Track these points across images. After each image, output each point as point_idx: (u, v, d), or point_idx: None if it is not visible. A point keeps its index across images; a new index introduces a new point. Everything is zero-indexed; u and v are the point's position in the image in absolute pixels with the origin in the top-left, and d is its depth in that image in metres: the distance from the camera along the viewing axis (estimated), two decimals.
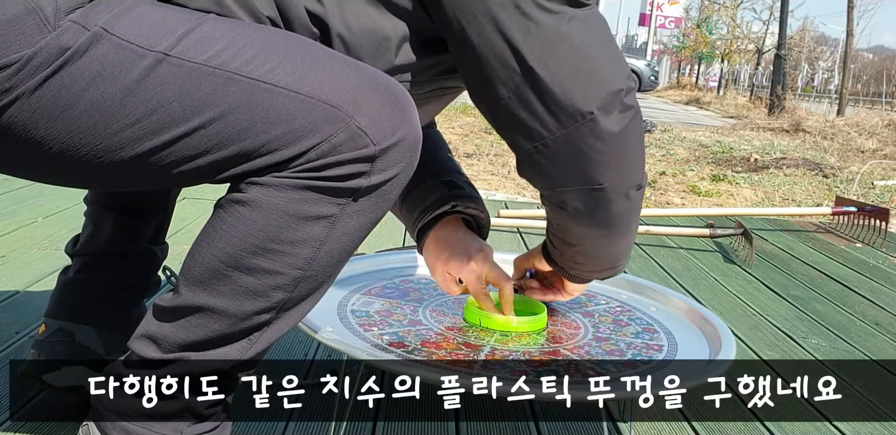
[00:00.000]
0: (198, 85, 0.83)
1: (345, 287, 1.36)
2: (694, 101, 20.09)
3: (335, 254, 0.91)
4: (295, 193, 0.86)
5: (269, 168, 0.86)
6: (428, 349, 1.12)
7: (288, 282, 0.89)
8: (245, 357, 0.93)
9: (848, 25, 13.13)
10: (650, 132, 7.80)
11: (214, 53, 0.84)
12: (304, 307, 0.94)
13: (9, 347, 1.50)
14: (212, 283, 0.89)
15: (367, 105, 0.86)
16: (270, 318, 0.92)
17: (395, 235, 2.72)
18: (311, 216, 0.87)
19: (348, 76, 0.88)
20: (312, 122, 0.84)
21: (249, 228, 0.87)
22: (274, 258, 0.87)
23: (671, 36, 32.28)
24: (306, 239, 0.87)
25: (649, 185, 4.68)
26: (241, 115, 0.84)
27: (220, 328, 0.90)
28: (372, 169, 0.87)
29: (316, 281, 0.92)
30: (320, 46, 0.92)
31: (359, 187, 0.87)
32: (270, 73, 0.85)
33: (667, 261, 2.69)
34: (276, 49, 0.86)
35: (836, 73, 20.42)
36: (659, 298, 1.44)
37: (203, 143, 0.85)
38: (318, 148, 0.85)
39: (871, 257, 3.03)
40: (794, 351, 1.87)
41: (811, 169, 5.75)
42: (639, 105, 1.04)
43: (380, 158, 0.87)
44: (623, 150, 1.02)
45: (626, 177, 1.05)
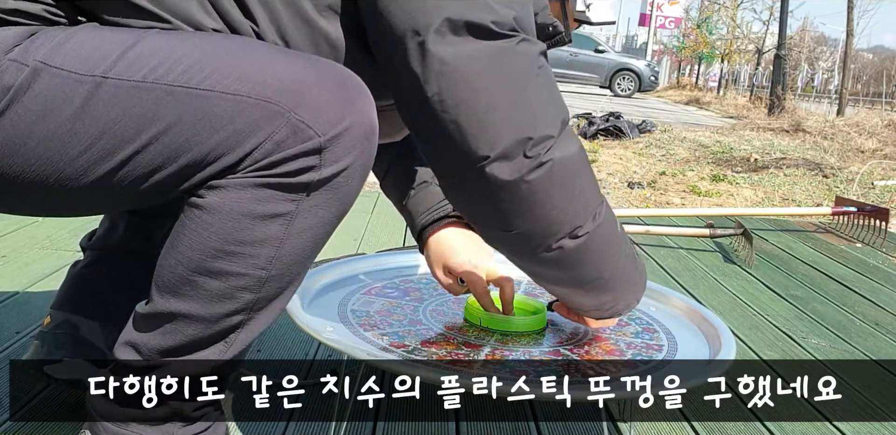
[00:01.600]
0: (139, 102, 0.84)
1: (345, 287, 1.36)
2: (694, 101, 20.08)
3: (298, 251, 0.91)
4: (247, 194, 0.86)
5: (224, 172, 0.86)
6: (428, 349, 1.13)
7: (253, 283, 0.89)
8: (224, 358, 0.94)
9: (848, 25, 13.12)
10: (650, 132, 7.80)
11: (150, 69, 0.84)
12: (276, 306, 0.95)
13: (9, 347, 1.50)
14: (180, 288, 0.90)
15: (309, 96, 0.86)
16: (243, 319, 0.92)
17: (395, 235, 2.72)
18: (267, 215, 0.87)
19: (291, 70, 0.87)
20: (253, 122, 0.84)
21: (208, 231, 0.87)
22: (235, 260, 0.88)
23: (671, 36, 32.27)
24: (265, 238, 0.88)
25: (650, 185, 4.67)
26: (186, 125, 0.84)
27: (194, 332, 0.92)
28: (321, 161, 0.86)
29: (283, 280, 0.92)
30: (266, 45, 0.91)
31: (310, 181, 0.87)
32: (207, 79, 0.85)
33: (667, 261, 2.69)
34: (214, 54, 0.86)
35: (836, 73, 20.41)
36: (659, 298, 1.44)
37: (156, 157, 0.85)
38: (262, 147, 0.85)
39: (871, 257, 3.03)
40: (794, 351, 1.87)
41: (811, 169, 5.74)
42: (568, 155, 0.95)
43: (328, 150, 0.86)
44: (530, 200, 0.94)
45: (548, 225, 0.98)
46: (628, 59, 21.54)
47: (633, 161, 5.58)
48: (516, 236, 0.99)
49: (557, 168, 0.94)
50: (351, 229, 2.72)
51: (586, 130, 7.22)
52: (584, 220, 0.99)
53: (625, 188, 4.58)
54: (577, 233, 0.99)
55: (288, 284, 0.93)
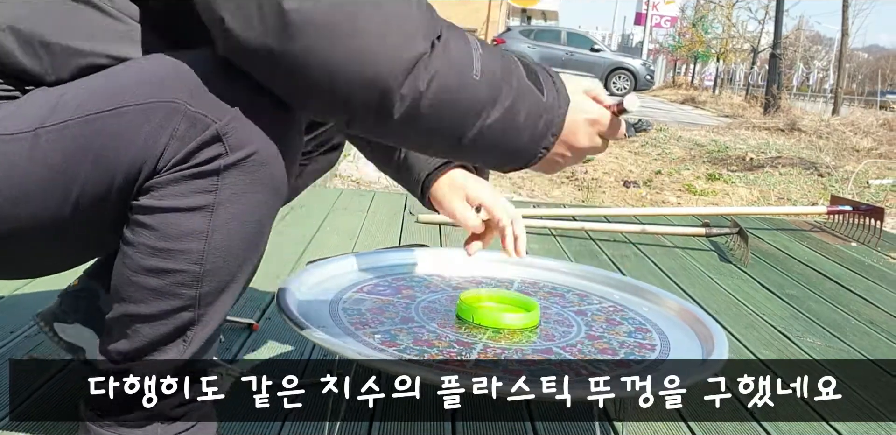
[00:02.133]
0: (70, 141, 0.88)
1: (337, 285, 1.35)
2: (689, 100, 20.11)
3: (229, 243, 0.91)
4: (167, 191, 0.88)
5: (150, 176, 0.88)
6: (420, 347, 1.12)
7: (189, 278, 0.91)
8: (186, 356, 0.96)
9: (843, 25, 13.15)
10: (646, 131, 7.81)
11: (70, 109, 0.88)
12: (225, 300, 0.95)
13: (4, 347, 1.49)
14: (126, 290, 0.93)
15: (200, 87, 0.87)
16: (193, 315, 0.93)
17: (391, 234, 2.72)
18: (188, 208, 0.88)
19: (181, 68, 0.88)
20: (158, 123, 0.87)
21: (141, 231, 0.90)
22: (167, 257, 0.89)
23: (667, 35, 32.33)
24: (190, 232, 0.89)
25: (645, 184, 4.67)
26: (111, 145, 0.88)
27: (150, 332, 0.93)
28: (227, 148, 0.87)
29: (222, 273, 0.92)
30: (162, 54, 0.91)
31: (218, 169, 0.87)
32: (115, 97, 0.88)
33: (663, 260, 2.68)
34: (94, 81, 0.90)
35: (831, 72, 20.45)
36: (651, 298, 1.43)
37: (102, 183, 0.89)
38: (170, 144, 0.86)
39: (867, 256, 3.03)
40: (789, 350, 1.86)
41: (806, 168, 5.75)
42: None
43: (228, 135, 0.86)
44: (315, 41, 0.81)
45: (360, 73, 0.82)
46: (624, 58, 21.56)
47: (629, 160, 5.58)
48: (321, 110, 0.89)
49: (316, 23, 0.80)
50: (347, 228, 2.72)
51: None
52: (392, 79, 0.82)
53: (621, 187, 4.58)
54: (392, 98, 0.83)
55: (230, 277, 0.94)
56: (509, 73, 0.91)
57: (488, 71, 0.89)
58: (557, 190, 4.40)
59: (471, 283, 1.45)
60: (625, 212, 3.31)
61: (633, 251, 2.79)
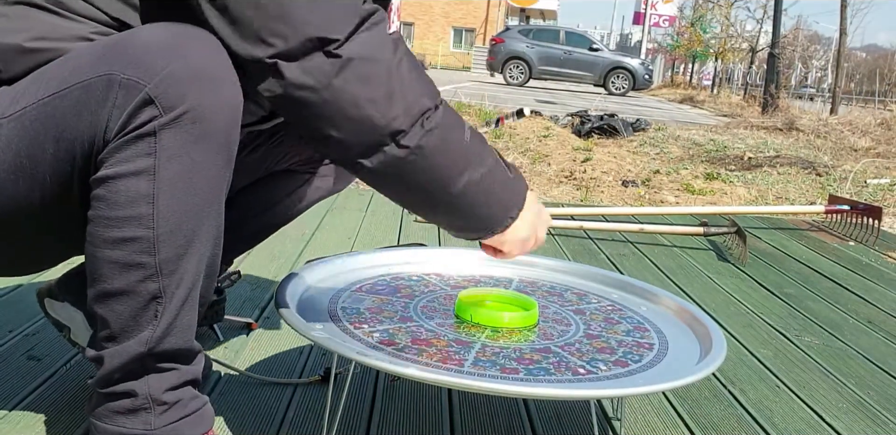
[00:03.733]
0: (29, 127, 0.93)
1: (335, 284, 1.35)
2: (688, 99, 20.12)
3: (179, 204, 0.92)
4: (112, 160, 0.90)
5: (102, 149, 0.91)
6: (418, 346, 1.12)
7: (146, 245, 0.92)
8: (158, 333, 0.96)
9: (841, 24, 13.16)
10: (644, 130, 7.81)
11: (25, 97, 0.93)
12: (187, 268, 0.96)
13: (3, 346, 1.49)
14: (95, 268, 0.94)
15: (133, 54, 0.90)
16: (158, 286, 0.94)
17: (389, 233, 2.72)
18: (131, 173, 0.90)
19: (117, 43, 0.92)
20: (101, 95, 0.90)
21: (96, 204, 0.92)
22: (120, 225, 0.91)
23: (665, 34, 32.34)
24: (137, 197, 0.90)
25: (644, 183, 4.67)
26: (67, 123, 0.91)
27: (121, 308, 0.94)
28: (161, 109, 0.89)
29: (177, 237, 0.93)
30: (100, 39, 0.96)
31: (154, 130, 0.89)
32: (66, 80, 0.91)
33: (661, 259, 2.69)
34: (47, 69, 0.95)
35: (829, 71, 20.45)
36: (650, 297, 1.43)
37: (64, 162, 0.93)
38: (113, 115, 0.89)
39: (864, 255, 3.03)
40: (787, 349, 1.87)
41: (804, 167, 5.75)
42: (369, 51, 0.93)
43: (160, 96, 0.89)
44: (329, 102, 0.92)
45: (358, 128, 0.94)
46: (622, 57, 21.57)
47: (628, 159, 5.58)
48: (336, 144, 0.96)
49: (356, 65, 0.92)
50: (346, 227, 2.72)
51: (580, 129, 7.23)
52: (404, 123, 0.95)
53: (619, 186, 4.58)
54: (400, 139, 0.96)
55: (187, 242, 0.94)
56: (488, 148, 1.07)
57: (475, 139, 1.04)
58: (556, 189, 4.40)
59: (469, 282, 1.45)
60: (623, 211, 3.31)
61: (632, 250, 2.79)
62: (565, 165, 5.11)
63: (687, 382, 1.04)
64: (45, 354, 1.47)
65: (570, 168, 4.99)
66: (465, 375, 1.03)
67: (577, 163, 5.14)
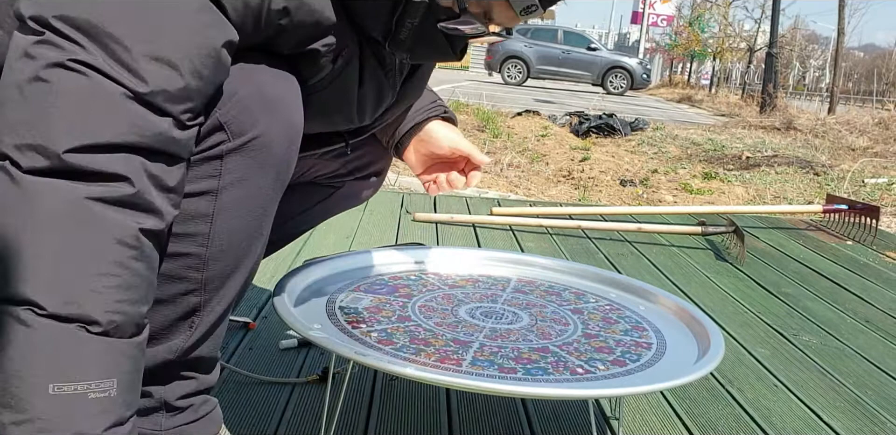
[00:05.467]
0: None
1: (334, 284, 1.35)
2: (686, 99, 20.14)
3: (234, 227, 0.93)
4: None
5: None
6: (417, 346, 1.12)
7: (196, 261, 0.92)
8: (190, 343, 0.96)
9: (839, 24, 13.17)
10: (642, 130, 7.81)
11: None
12: (230, 286, 0.97)
13: None
14: None
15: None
16: (199, 300, 0.95)
17: (387, 233, 2.72)
18: (194, 193, 0.90)
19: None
20: None
21: None
22: (175, 240, 0.91)
23: (663, 34, 32.34)
24: (196, 216, 0.91)
25: (642, 182, 4.68)
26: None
27: (158, 317, 0.94)
28: (229, 134, 0.90)
29: (227, 257, 0.94)
30: None
31: (221, 153, 0.90)
32: None
33: (659, 258, 2.69)
34: None
35: (827, 71, 20.48)
36: (648, 296, 1.44)
37: None
38: None
39: (862, 255, 3.04)
40: (785, 348, 1.87)
41: (802, 167, 5.75)
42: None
43: (230, 122, 0.89)
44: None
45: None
46: (620, 56, 21.56)
47: (626, 159, 5.58)
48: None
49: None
50: (344, 228, 2.72)
51: (578, 128, 7.23)
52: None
53: (617, 186, 4.58)
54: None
55: (235, 262, 0.96)
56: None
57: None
58: (554, 189, 4.40)
59: (467, 281, 1.45)
60: (621, 210, 3.31)
61: (630, 250, 2.79)
62: (563, 165, 5.11)
63: (685, 381, 1.04)
64: None
65: (568, 167, 5.00)
66: (464, 374, 1.03)
67: (576, 162, 5.14)
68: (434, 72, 1.28)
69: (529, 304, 1.36)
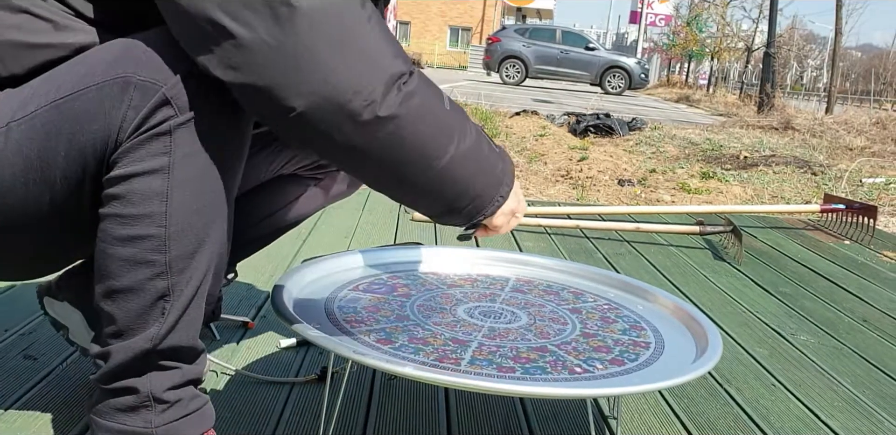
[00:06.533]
0: (40, 128, 0.92)
1: (332, 283, 1.35)
2: (684, 98, 20.14)
3: (191, 203, 0.93)
4: (128, 159, 0.91)
5: (116, 149, 0.92)
6: (415, 345, 1.12)
7: (157, 243, 0.93)
8: (163, 331, 0.96)
9: (836, 24, 13.16)
10: (640, 130, 7.81)
11: (37, 100, 0.93)
12: (197, 267, 0.96)
13: (0, 344, 1.49)
14: (104, 265, 0.95)
15: (146, 56, 0.91)
16: (167, 284, 0.95)
17: (386, 232, 2.72)
18: (146, 172, 0.91)
19: (128, 47, 0.92)
20: (115, 97, 0.90)
21: (110, 202, 0.93)
22: (133, 223, 0.92)
23: (661, 34, 32.36)
24: (151, 195, 0.91)
25: (640, 182, 4.68)
26: (79, 126, 0.91)
27: (129, 306, 0.95)
28: (176, 109, 0.90)
29: (189, 235, 0.94)
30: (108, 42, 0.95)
31: (169, 129, 0.90)
32: (78, 83, 0.92)
33: (657, 258, 2.69)
34: (56, 72, 0.95)
35: (824, 71, 20.49)
36: (646, 296, 1.44)
37: (76, 164, 0.93)
38: (128, 115, 0.90)
39: (860, 254, 3.04)
40: (782, 347, 1.87)
41: (800, 166, 5.75)
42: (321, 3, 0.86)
43: (176, 97, 0.90)
44: (288, 59, 0.86)
45: (326, 93, 0.87)
46: (619, 56, 21.57)
47: (624, 158, 5.58)
48: (299, 118, 0.89)
49: (310, 17, 0.85)
50: (342, 227, 2.72)
51: (576, 128, 7.23)
52: (376, 86, 0.88)
53: (615, 185, 4.58)
54: (375, 109, 0.89)
55: (198, 240, 0.95)
56: (467, 116, 1.02)
57: (454, 107, 1.00)
58: (552, 188, 4.40)
59: (466, 281, 1.45)
60: (619, 210, 3.31)
61: (628, 249, 2.79)
62: (561, 164, 5.11)
63: (683, 380, 1.04)
64: (41, 353, 1.47)
65: (566, 167, 4.99)
66: (462, 373, 1.03)
67: (574, 162, 5.14)
68: (432, 71, 1.28)
69: (528, 303, 1.36)
